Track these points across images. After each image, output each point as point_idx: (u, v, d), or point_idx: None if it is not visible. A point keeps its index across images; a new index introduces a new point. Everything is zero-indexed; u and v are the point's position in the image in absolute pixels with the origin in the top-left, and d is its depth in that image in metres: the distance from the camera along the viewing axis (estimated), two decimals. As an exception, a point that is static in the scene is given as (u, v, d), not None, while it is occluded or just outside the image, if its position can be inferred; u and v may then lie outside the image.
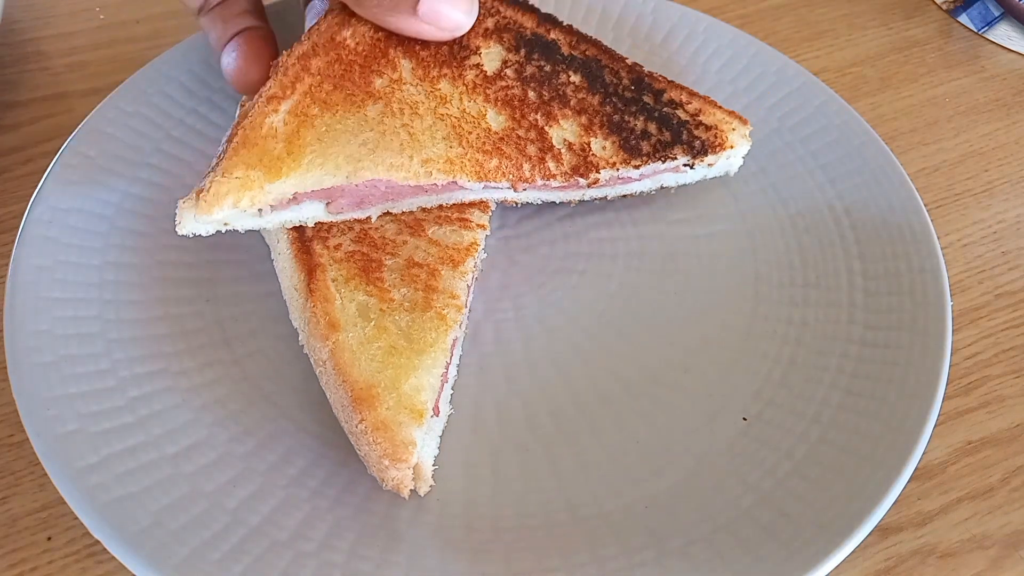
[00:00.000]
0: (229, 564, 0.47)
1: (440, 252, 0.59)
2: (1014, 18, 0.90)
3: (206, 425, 0.54)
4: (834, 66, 0.87)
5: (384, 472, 0.49)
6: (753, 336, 0.62)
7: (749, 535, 0.50)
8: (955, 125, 0.82)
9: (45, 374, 0.53)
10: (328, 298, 0.54)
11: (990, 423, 0.61)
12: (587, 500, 0.53)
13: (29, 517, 0.54)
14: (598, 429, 0.57)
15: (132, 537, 0.47)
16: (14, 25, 0.85)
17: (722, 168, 0.68)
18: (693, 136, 0.66)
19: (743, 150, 0.68)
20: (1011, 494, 0.58)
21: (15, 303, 0.56)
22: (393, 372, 0.52)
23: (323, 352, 0.52)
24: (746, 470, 0.54)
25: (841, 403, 0.56)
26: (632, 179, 0.66)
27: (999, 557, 0.55)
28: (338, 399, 0.52)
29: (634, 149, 0.64)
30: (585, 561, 0.50)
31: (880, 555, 0.55)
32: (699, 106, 0.68)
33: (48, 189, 0.62)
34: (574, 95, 0.65)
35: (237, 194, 0.53)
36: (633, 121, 0.66)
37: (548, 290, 0.64)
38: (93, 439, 0.51)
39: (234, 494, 0.51)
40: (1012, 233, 0.73)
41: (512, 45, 0.66)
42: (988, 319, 0.67)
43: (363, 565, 0.49)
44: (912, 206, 0.65)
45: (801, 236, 0.67)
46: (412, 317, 0.55)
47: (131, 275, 0.60)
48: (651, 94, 0.67)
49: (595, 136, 0.64)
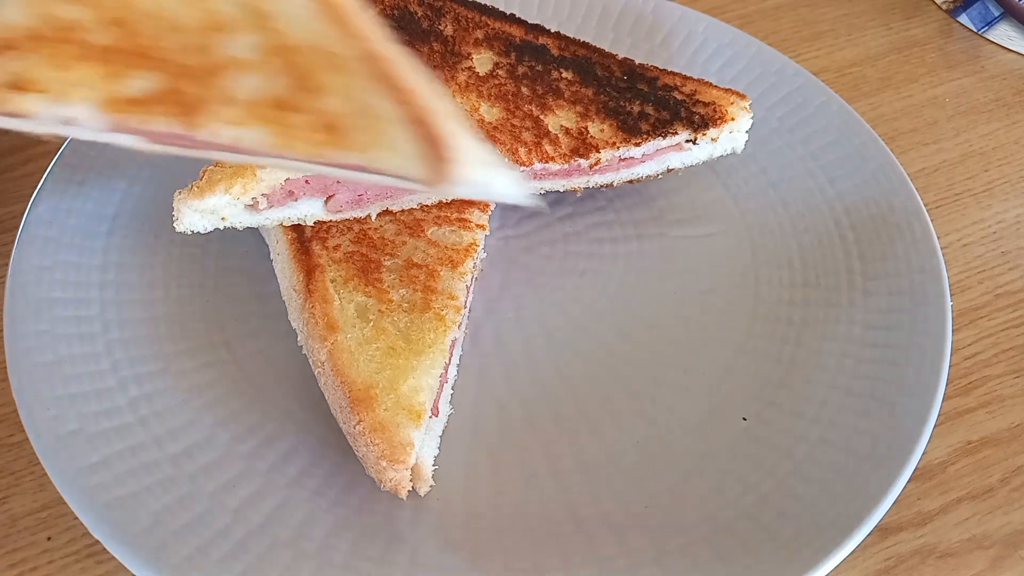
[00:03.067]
0: (229, 564, 0.48)
1: (439, 253, 0.59)
2: (1014, 18, 0.90)
3: (206, 425, 0.54)
4: (834, 66, 0.87)
5: (382, 473, 0.49)
6: (753, 336, 0.62)
7: (749, 535, 0.50)
8: (955, 125, 0.82)
9: (45, 374, 0.53)
10: (327, 299, 0.54)
11: (990, 423, 0.61)
12: (587, 500, 0.53)
13: (29, 517, 0.54)
14: (598, 429, 0.57)
15: (132, 537, 0.47)
16: (14, 25, 0.85)
17: (727, 145, 0.67)
18: (692, 112, 0.66)
19: (745, 124, 0.67)
20: (1011, 494, 0.58)
21: (15, 303, 0.56)
22: (391, 373, 0.52)
23: (321, 353, 0.52)
24: (746, 470, 0.54)
25: (841, 403, 0.56)
26: (635, 160, 0.65)
27: (999, 557, 0.55)
28: (336, 400, 0.52)
29: (633, 128, 0.64)
30: (585, 561, 0.50)
31: (880, 555, 0.55)
32: (695, 87, 0.68)
33: (48, 189, 0.62)
34: (567, 88, 0.66)
35: (229, 181, 0.54)
36: (629, 105, 0.65)
37: (548, 290, 0.64)
38: (93, 439, 0.51)
39: (234, 494, 0.51)
40: (1012, 233, 0.73)
41: (502, 50, 0.67)
42: (988, 319, 0.67)
43: (363, 565, 0.49)
44: (912, 206, 0.65)
45: (801, 236, 0.67)
46: (411, 318, 0.55)
47: (131, 275, 0.61)
48: (645, 81, 0.67)
49: (592, 121, 0.64)
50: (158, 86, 0.42)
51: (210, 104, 0.42)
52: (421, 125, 0.40)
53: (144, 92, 0.42)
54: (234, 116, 0.42)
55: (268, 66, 0.42)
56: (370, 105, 0.40)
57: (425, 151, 0.40)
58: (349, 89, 0.41)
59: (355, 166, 0.42)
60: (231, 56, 0.42)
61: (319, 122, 0.41)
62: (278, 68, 0.42)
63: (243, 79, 0.42)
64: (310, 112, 0.42)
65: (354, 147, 0.41)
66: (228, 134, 0.42)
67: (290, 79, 0.42)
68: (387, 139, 0.41)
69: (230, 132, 0.42)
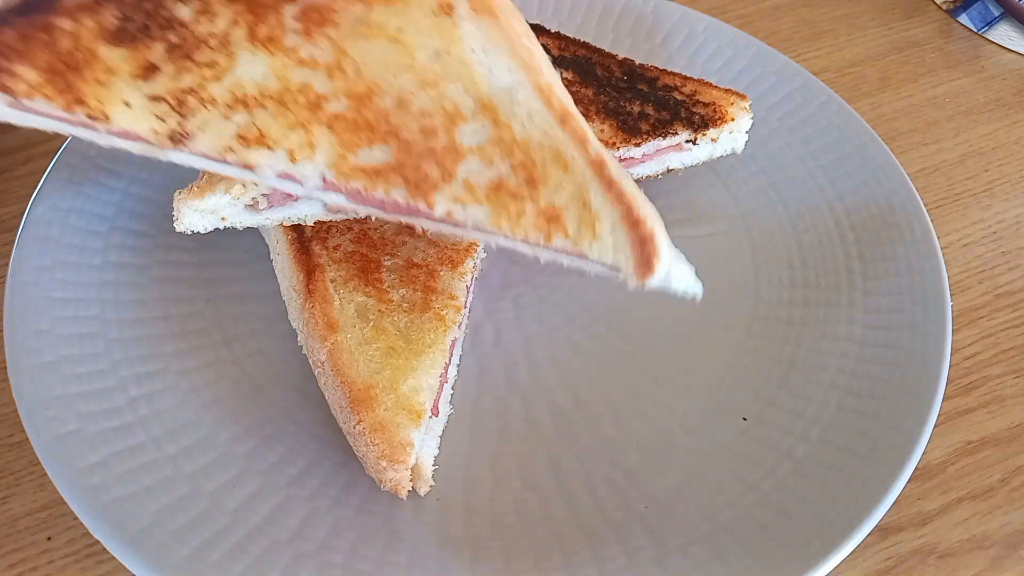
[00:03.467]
0: (229, 564, 0.48)
1: (439, 253, 0.59)
2: (1014, 18, 0.90)
3: (206, 425, 0.54)
4: (834, 66, 0.87)
5: (382, 473, 0.49)
6: (753, 336, 0.62)
7: (749, 535, 0.50)
8: (955, 125, 0.82)
9: (45, 374, 0.53)
10: (327, 299, 0.54)
11: (990, 423, 0.61)
12: (587, 500, 0.53)
13: (29, 517, 0.54)
14: (598, 429, 0.57)
15: (132, 537, 0.47)
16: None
17: (727, 145, 0.68)
18: (692, 112, 0.66)
19: (745, 124, 0.67)
20: (1011, 494, 0.58)
21: (15, 303, 0.56)
22: (391, 373, 0.52)
23: (321, 353, 0.52)
24: (746, 470, 0.54)
25: (841, 403, 0.56)
26: (635, 160, 0.65)
27: (999, 557, 0.55)
28: (336, 400, 0.52)
29: (633, 129, 0.64)
30: (585, 561, 0.50)
31: (880, 555, 0.55)
32: (695, 87, 0.68)
33: (48, 189, 0.62)
34: (568, 88, 0.65)
35: (229, 181, 0.54)
36: (630, 106, 0.65)
37: (548, 290, 0.64)
38: (93, 439, 0.51)
39: (234, 494, 0.51)
40: (1012, 233, 0.73)
41: None
42: (988, 319, 0.67)
43: (363, 565, 0.49)
44: (912, 206, 0.65)
45: (801, 236, 0.67)
46: (411, 318, 0.55)
47: (131, 275, 0.61)
48: (645, 82, 0.67)
49: (592, 121, 0.64)
50: (391, 159, 0.47)
51: (438, 181, 0.47)
52: (636, 226, 0.46)
53: (377, 162, 0.47)
54: (459, 194, 0.47)
55: (495, 155, 0.47)
56: (591, 203, 0.47)
57: (636, 249, 0.46)
58: (573, 186, 0.47)
59: (570, 251, 0.48)
60: (462, 142, 0.47)
61: (543, 210, 0.47)
62: (505, 158, 0.47)
63: (471, 163, 0.47)
64: (535, 200, 0.47)
65: (570, 235, 0.47)
66: (452, 209, 0.47)
67: (517, 169, 0.47)
68: (602, 233, 0.47)
69: (455, 208, 0.47)
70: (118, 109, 0.47)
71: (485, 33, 0.49)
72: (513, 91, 0.48)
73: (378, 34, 0.48)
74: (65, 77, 0.47)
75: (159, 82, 0.48)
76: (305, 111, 0.48)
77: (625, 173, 0.48)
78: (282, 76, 0.48)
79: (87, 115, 0.47)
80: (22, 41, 0.47)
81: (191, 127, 0.47)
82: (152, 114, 0.47)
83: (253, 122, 0.48)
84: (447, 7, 0.48)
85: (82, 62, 0.47)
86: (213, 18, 0.48)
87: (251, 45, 0.48)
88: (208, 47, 0.48)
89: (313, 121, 0.48)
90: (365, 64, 0.48)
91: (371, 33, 0.48)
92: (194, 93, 0.47)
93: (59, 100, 0.47)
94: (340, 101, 0.48)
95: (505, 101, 0.48)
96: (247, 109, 0.48)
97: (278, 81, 0.48)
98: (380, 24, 0.48)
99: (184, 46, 0.48)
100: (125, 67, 0.48)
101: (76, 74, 0.47)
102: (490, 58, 0.48)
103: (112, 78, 0.47)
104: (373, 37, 0.48)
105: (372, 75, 0.48)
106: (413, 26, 0.48)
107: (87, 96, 0.47)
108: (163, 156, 0.49)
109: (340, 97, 0.48)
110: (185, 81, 0.48)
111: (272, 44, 0.48)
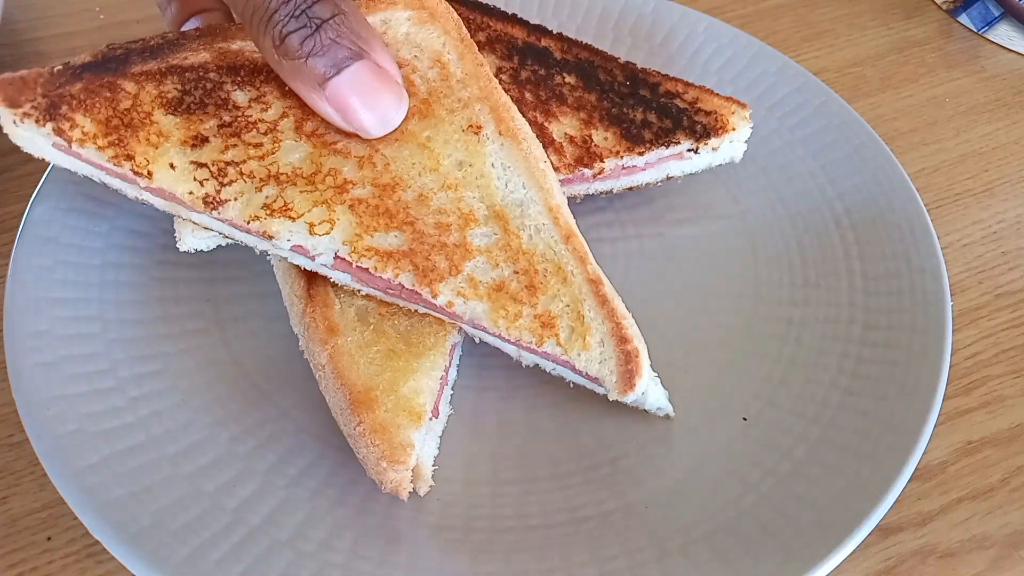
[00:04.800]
0: (229, 564, 0.48)
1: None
2: (1014, 18, 0.90)
3: (206, 425, 0.54)
4: (834, 66, 0.87)
5: (382, 474, 0.49)
6: (753, 336, 0.62)
7: (749, 535, 0.50)
8: (955, 125, 0.82)
9: (45, 374, 0.53)
10: (327, 303, 0.54)
11: (990, 423, 0.61)
12: (587, 500, 0.53)
13: (29, 517, 0.54)
14: (598, 429, 0.57)
15: (132, 537, 0.47)
16: (14, 25, 0.85)
17: (726, 154, 0.68)
18: (694, 121, 0.66)
19: (745, 133, 0.67)
20: (1011, 494, 0.58)
21: (15, 303, 0.56)
22: (391, 375, 0.52)
23: (322, 356, 0.52)
24: (746, 470, 0.54)
25: (841, 403, 0.56)
26: (637, 168, 0.66)
27: (999, 557, 0.55)
28: (337, 402, 0.52)
29: (636, 137, 0.64)
30: (585, 561, 0.50)
31: (880, 555, 0.55)
32: (696, 95, 0.68)
33: (48, 189, 0.62)
34: (571, 94, 0.66)
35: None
36: (632, 113, 0.66)
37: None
38: (93, 439, 0.51)
39: (234, 494, 0.51)
40: (1012, 233, 0.73)
41: (505, 54, 0.67)
42: (988, 319, 0.67)
43: (363, 565, 0.49)
44: (912, 206, 0.65)
45: (801, 236, 0.67)
46: (411, 321, 0.55)
47: (131, 275, 0.61)
48: (647, 88, 0.67)
49: (595, 129, 0.64)
50: (404, 245, 0.52)
51: (445, 272, 0.52)
52: (623, 343, 0.52)
53: (391, 247, 0.52)
54: (463, 288, 0.52)
55: (501, 258, 0.52)
56: (585, 315, 0.52)
57: (621, 364, 0.52)
58: (570, 298, 0.53)
59: (558, 359, 0.53)
60: (472, 242, 0.53)
61: (539, 315, 0.52)
62: (510, 263, 0.53)
63: (478, 262, 0.52)
64: (533, 305, 0.52)
65: (562, 343, 0.52)
66: (454, 301, 0.52)
67: (520, 274, 0.52)
68: (591, 344, 0.52)
69: (456, 300, 0.52)
70: (163, 170, 0.52)
71: (507, 153, 0.56)
72: (525, 206, 0.54)
73: (410, 140, 0.55)
74: (119, 133, 0.51)
75: (205, 151, 0.52)
76: (331, 191, 0.52)
77: (616, 294, 0.54)
78: (317, 161, 0.53)
79: (132, 170, 0.51)
80: (87, 94, 0.51)
81: (226, 195, 0.52)
82: (193, 178, 0.52)
83: (281, 195, 0.52)
84: (476, 127, 0.56)
85: (138, 122, 0.52)
86: (266, 108, 0.54)
87: (295, 135, 0.54)
88: (257, 130, 0.53)
89: (337, 201, 0.52)
90: (394, 160, 0.54)
91: (404, 139, 0.55)
92: (235, 165, 0.52)
93: (108, 151, 0.51)
94: (365, 188, 0.53)
95: (516, 213, 0.54)
96: (278, 184, 0.52)
97: (312, 165, 0.53)
98: (413, 132, 0.55)
99: (235, 125, 0.53)
100: (177, 134, 0.52)
101: (131, 132, 0.51)
102: (508, 174, 0.55)
103: (163, 141, 0.52)
104: (405, 142, 0.55)
105: (398, 170, 0.54)
106: (443, 137, 0.55)
107: (137, 153, 0.51)
108: (187, 215, 0.53)
109: (366, 184, 0.53)
110: (229, 155, 0.52)
111: (315, 138, 0.54)
